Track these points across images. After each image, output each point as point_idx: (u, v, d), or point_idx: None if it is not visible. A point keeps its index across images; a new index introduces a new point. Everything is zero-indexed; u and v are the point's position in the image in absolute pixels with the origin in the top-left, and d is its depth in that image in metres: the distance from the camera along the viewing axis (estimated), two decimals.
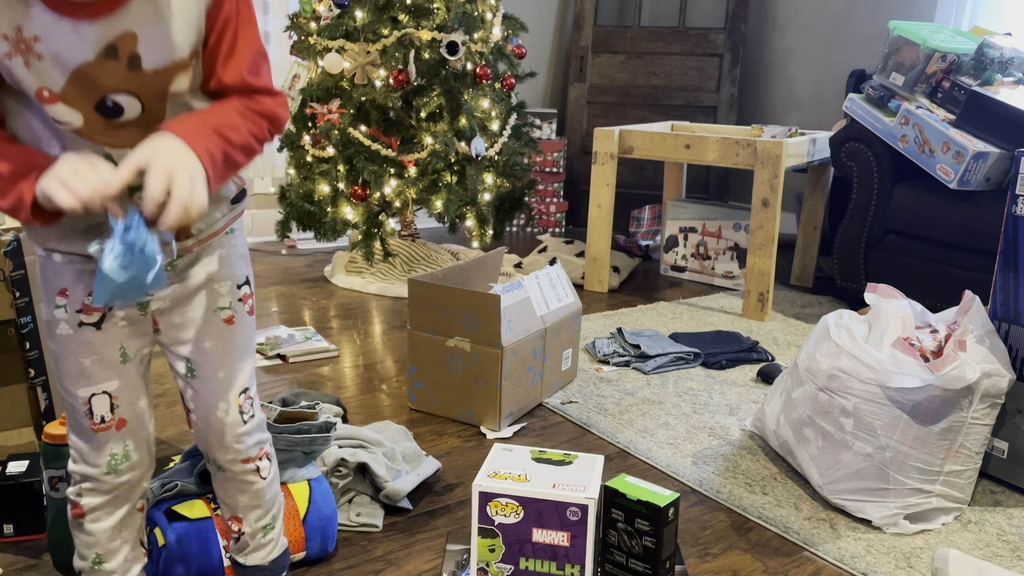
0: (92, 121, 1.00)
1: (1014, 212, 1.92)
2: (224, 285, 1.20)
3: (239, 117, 1.05)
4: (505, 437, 2.13)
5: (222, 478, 1.31)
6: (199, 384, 1.22)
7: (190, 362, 1.21)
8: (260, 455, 1.30)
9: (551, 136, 4.62)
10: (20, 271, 1.67)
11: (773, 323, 3.14)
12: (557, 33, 4.92)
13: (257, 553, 1.38)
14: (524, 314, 2.20)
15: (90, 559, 1.24)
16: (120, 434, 1.18)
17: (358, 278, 3.43)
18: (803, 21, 4.38)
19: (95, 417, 1.16)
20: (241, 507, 1.34)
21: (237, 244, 1.22)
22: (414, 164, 3.17)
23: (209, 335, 1.20)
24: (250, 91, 1.07)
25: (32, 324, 1.69)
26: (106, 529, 1.22)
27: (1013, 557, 1.69)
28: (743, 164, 3.15)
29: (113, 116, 1.01)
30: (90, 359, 1.15)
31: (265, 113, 1.08)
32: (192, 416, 1.25)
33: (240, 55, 1.05)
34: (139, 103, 1.01)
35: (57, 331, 1.14)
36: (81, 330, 1.14)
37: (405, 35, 3.12)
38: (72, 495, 1.21)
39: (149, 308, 1.17)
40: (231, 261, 1.21)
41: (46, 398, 1.73)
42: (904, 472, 1.75)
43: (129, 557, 1.26)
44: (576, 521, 1.38)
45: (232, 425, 1.24)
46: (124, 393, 1.17)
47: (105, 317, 1.14)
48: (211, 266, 1.18)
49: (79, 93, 0.98)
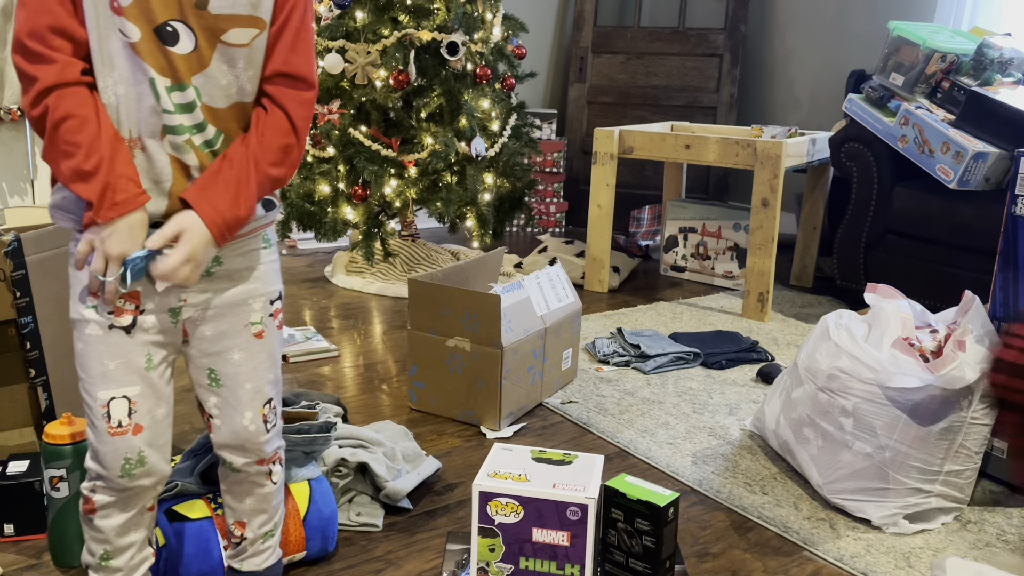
0: (149, 40, 1.06)
1: (1014, 212, 1.92)
2: (258, 301, 1.24)
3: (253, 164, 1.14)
4: (505, 437, 2.13)
5: (234, 480, 1.33)
6: (225, 394, 1.24)
7: (215, 372, 1.23)
8: (275, 459, 1.33)
9: (551, 136, 4.62)
10: (20, 271, 1.67)
11: (773, 323, 3.14)
12: (557, 33, 4.92)
13: (253, 559, 1.39)
14: (524, 314, 2.21)
15: (98, 555, 1.24)
16: (136, 440, 1.18)
17: (358, 278, 3.43)
18: (803, 21, 4.38)
19: (112, 421, 1.16)
20: (247, 511, 1.35)
21: (274, 259, 1.27)
22: (414, 164, 3.18)
23: (238, 348, 1.23)
24: (290, 78, 1.15)
25: (32, 324, 1.70)
26: (115, 527, 1.22)
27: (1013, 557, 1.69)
28: (743, 164, 3.15)
29: (168, 43, 1.07)
30: (115, 362, 1.15)
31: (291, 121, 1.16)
32: (214, 422, 1.27)
33: (295, 45, 1.15)
34: (193, 39, 1.08)
35: (86, 331, 1.15)
36: (111, 333, 1.15)
37: (405, 35, 3.12)
38: (85, 490, 1.22)
39: (181, 317, 1.19)
40: (267, 277, 1.25)
41: (46, 398, 1.73)
42: (904, 472, 1.76)
43: (136, 557, 1.26)
44: (576, 521, 1.38)
45: (256, 433, 1.27)
46: (144, 399, 1.18)
47: (136, 323, 1.15)
48: (248, 282, 1.22)
49: (142, 12, 1.05)
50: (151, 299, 1.16)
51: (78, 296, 1.16)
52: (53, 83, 1.05)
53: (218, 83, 1.12)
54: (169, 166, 1.12)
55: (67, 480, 1.50)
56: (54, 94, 1.05)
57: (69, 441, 1.49)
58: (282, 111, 1.16)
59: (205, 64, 1.10)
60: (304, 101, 1.17)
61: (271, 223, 1.26)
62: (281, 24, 1.13)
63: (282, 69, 1.15)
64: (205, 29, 1.08)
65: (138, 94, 1.08)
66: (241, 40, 1.11)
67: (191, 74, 1.09)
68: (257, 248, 1.24)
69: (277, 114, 1.16)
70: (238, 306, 1.22)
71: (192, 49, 1.08)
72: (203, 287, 1.19)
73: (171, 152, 1.12)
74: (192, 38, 1.08)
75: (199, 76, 1.10)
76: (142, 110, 1.09)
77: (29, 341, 1.70)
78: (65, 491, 1.50)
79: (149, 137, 1.11)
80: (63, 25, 1.05)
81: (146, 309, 1.16)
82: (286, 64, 1.15)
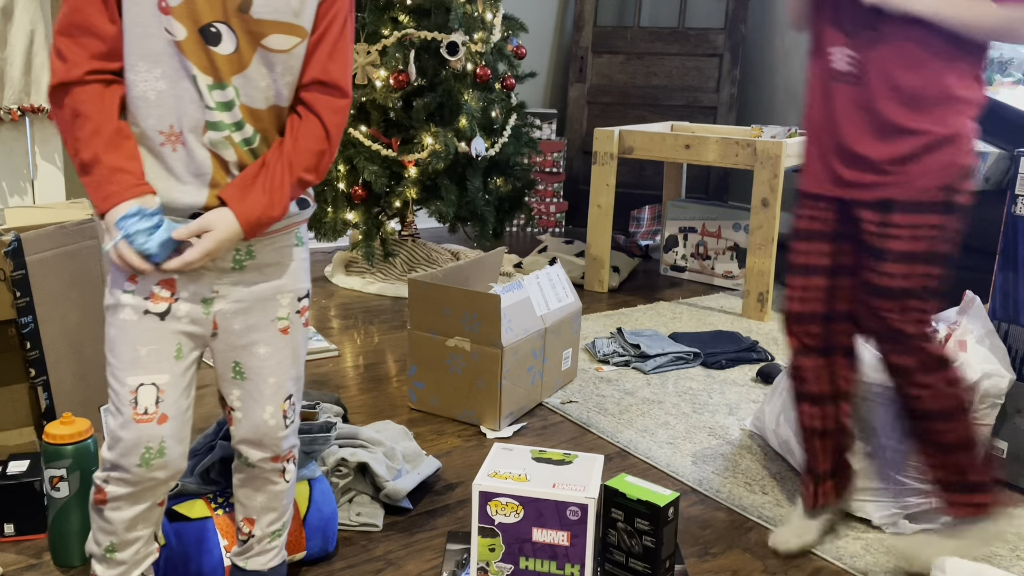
0: (193, 39, 1.11)
1: (1014, 212, 1.92)
2: (287, 297, 1.27)
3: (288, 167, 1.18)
4: (505, 437, 2.13)
5: (247, 475, 1.35)
6: (249, 387, 1.27)
7: (240, 365, 1.26)
8: (289, 456, 1.35)
9: (551, 136, 4.62)
10: (20, 271, 1.67)
11: (773, 323, 3.14)
12: (557, 33, 4.92)
13: (259, 558, 1.39)
14: (524, 314, 2.21)
15: (104, 546, 1.25)
16: (160, 429, 1.20)
17: (358, 278, 3.43)
18: None
19: (139, 407, 1.18)
20: (258, 508, 1.36)
21: (304, 257, 1.30)
22: (414, 164, 3.18)
23: (264, 342, 1.26)
24: (325, 86, 1.19)
25: (32, 324, 1.70)
26: (125, 520, 1.23)
27: (1013, 557, 1.69)
28: (743, 164, 3.15)
29: (211, 43, 1.12)
30: (147, 348, 1.18)
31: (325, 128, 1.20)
32: (236, 415, 1.29)
33: (334, 54, 1.19)
34: (234, 41, 1.12)
35: (121, 316, 1.18)
36: (145, 318, 1.18)
37: (405, 35, 3.12)
38: (98, 480, 1.23)
39: (212, 308, 1.22)
40: (297, 274, 1.28)
41: (46, 398, 1.73)
42: (904, 472, 1.75)
43: (142, 551, 1.27)
44: (576, 520, 1.38)
45: (275, 428, 1.30)
46: (171, 389, 1.20)
47: (170, 310, 1.18)
48: (278, 278, 1.25)
49: (189, 13, 1.10)
50: (186, 288, 1.19)
51: (116, 282, 1.18)
52: (61, 80, 1.11)
53: (257, 85, 1.15)
54: (209, 160, 1.16)
55: (67, 480, 1.50)
56: (67, 93, 1.11)
57: (69, 441, 1.49)
58: (317, 118, 1.19)
59: (244, 65, 1.14)
60: (338, 109, 1.21)
61: (304, 220, 1.30)
62: (321, 33, 1.18)
63: (319, 77, 1.19)
64: (246, 32, 1.13)
65: (181, 90, 1.13)
66: (282, 46, 1.15)
67: (231, 74, 1.13)
68: (289, 245, 1.27)
69: (312, 121, 1.19)
70: (267, 300, 1.25)
71: (233, 50, 1.13)
72: (235, 279, 1.22)
73: (210, 147, 1.15)
74: (234, 40, 1.12)
75: (239, 77, 1.14)
76: (184, 105, 1.13)
77: (29, 341, 1.70)
78: (65, 491, 1.50)
79: (190, 132, 1.14)
80: (90, 23, 1.10)
81: (180, 297, 1.19)
82: (323, 72, 1.19)
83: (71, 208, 1.93)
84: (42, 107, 3.17)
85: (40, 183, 3.25)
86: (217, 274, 1.21)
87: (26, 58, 3.13)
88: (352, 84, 1.24)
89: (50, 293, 1.72)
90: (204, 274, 1.19)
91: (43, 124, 3.25)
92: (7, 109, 3.14)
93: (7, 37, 3.11)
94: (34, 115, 3.20)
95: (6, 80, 3.13)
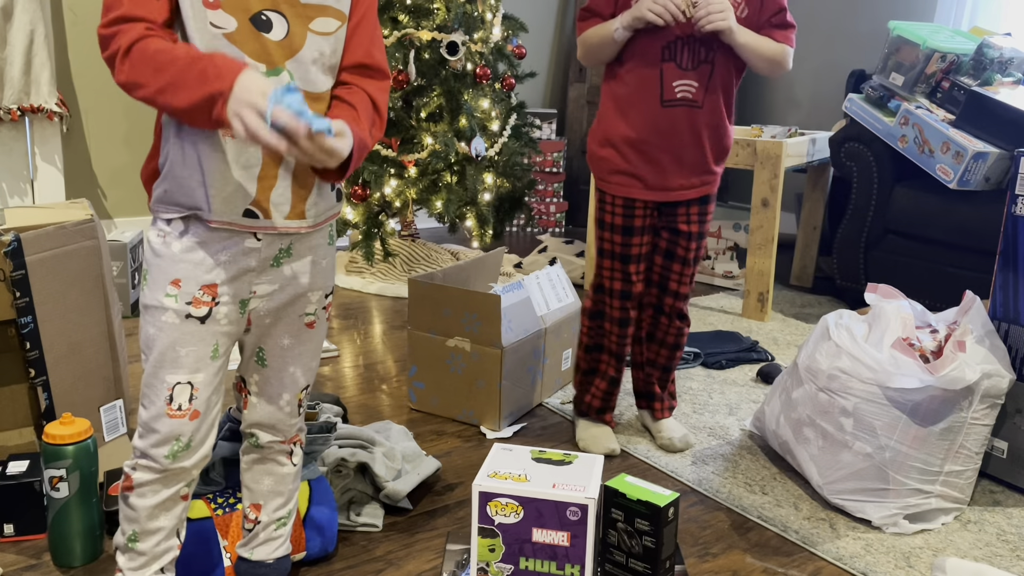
0: (245, 28, 1.12)
1: (1014, 212, 1.92)
2: (316, 294, 1.31)
3: (366, 121, 1.20)
4: (505, 437, 2.13)
5: (255, 458, 1.39)
6: (269, 374, 1.32)
7: (263, 351, 1.31)
8: (296, 439, 1.40)
9: (551, 136, 4.62)
10: (20, 271, 1.67)
11: (773, 323, 3.14)
12: (557, 33, 4.92)
13: (264, 547, 1.41)
14: (524, 314, 2.21)
15: (127, 535, 1.26)
16: (191, 425, 1.21)
17: (358, 278, 3.43)
18: (803, 21, 4.35)
19: (173, 404, 1.20)
20: (264, 492, 1.39)
21: (333, 256, 1.34)
22: (414, 164, 3.18)
23: (290, 334, 1.31)
24: (370, 69, 1.22)
25: (32, 324, 1.70)
26: (148, 507, 1.24)
27: (1013, 557, 1.69)
28: (743, 164, 3.15)
29: (263, 30, 1.13)
30: (186, 350, 1.20)
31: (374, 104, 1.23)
32: (252, 399, 1.34)
33: (374, 38, 1.23)
34: (285, 26, 1.14)
35: (162, 318, 1.19)
36: (187, 322, 1.19)
37: (405, 35, 3.12)
38: (127, 467, 1.25)
39: (248, 307, 1.24)
40: (327, 272, 1.32)
41: (46, 398, 1.73)
42: (904, 472, 1.76)
43: (162, 544, 1.28)
44: (576, 521, 1.38)
45: (289, 415, 1.36)
46: (205, 387, 1.22)
47: (211, 314, 1.20)
48: (310, 276, 1.28)
49: (239, 3, 1.11)
50: (226, 292, 1.21)
51: (158, 284, 1.19)
52: (133, 39, 1.07)
53: (308, 68, 1.17)
54: (259, 151, 1.15)
55: (67, 480, 1.50)
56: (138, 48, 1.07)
57: (69, 441, 1.49)
58: (367, 95, 1.22)
59: (296, 49, 1.16)
60: (384, 89, 1.25)
61: (337, 214, 1.31)
62: (360, 17, 1.21)
63: (365, 61, 1.22)
64: (296, 16, 1.15)
65: None
66: (327, 29, 1.18)
67: (284, 59, 1.15)
68: (323, 244, 1.29)
69: (363, 96, 1.22)
70: (299, 297, 1.29)
71: (284, 35, 1.14)
72: (271, 278, 1.24)
73: None
74: (285, 25, 1.14)
75: (291, 61, 1.15)
76: None
77: (29, 341, 1.70)
78: (65, 491, 1.50)
79: None
80: (154, 18, 1.10)
81: (220, 301, 1.21)
82: (368, 56, 1.22)
83: (71, 208, 1.93)
84: (42, 107, 3.17)
85: (40, 183, 3.25)
86: (256, 273, 1.22)
87: (26, 58, 3.13)
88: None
89: (50, 293, 1.72)
90: (245, 274, 1.21)
91: (43, 124, 3.25)
92: (7, 109, 3.14)
93: (7, 37, 3.11)
94: (34, 115, 3.20)
95: (6, 80, 3.13)
